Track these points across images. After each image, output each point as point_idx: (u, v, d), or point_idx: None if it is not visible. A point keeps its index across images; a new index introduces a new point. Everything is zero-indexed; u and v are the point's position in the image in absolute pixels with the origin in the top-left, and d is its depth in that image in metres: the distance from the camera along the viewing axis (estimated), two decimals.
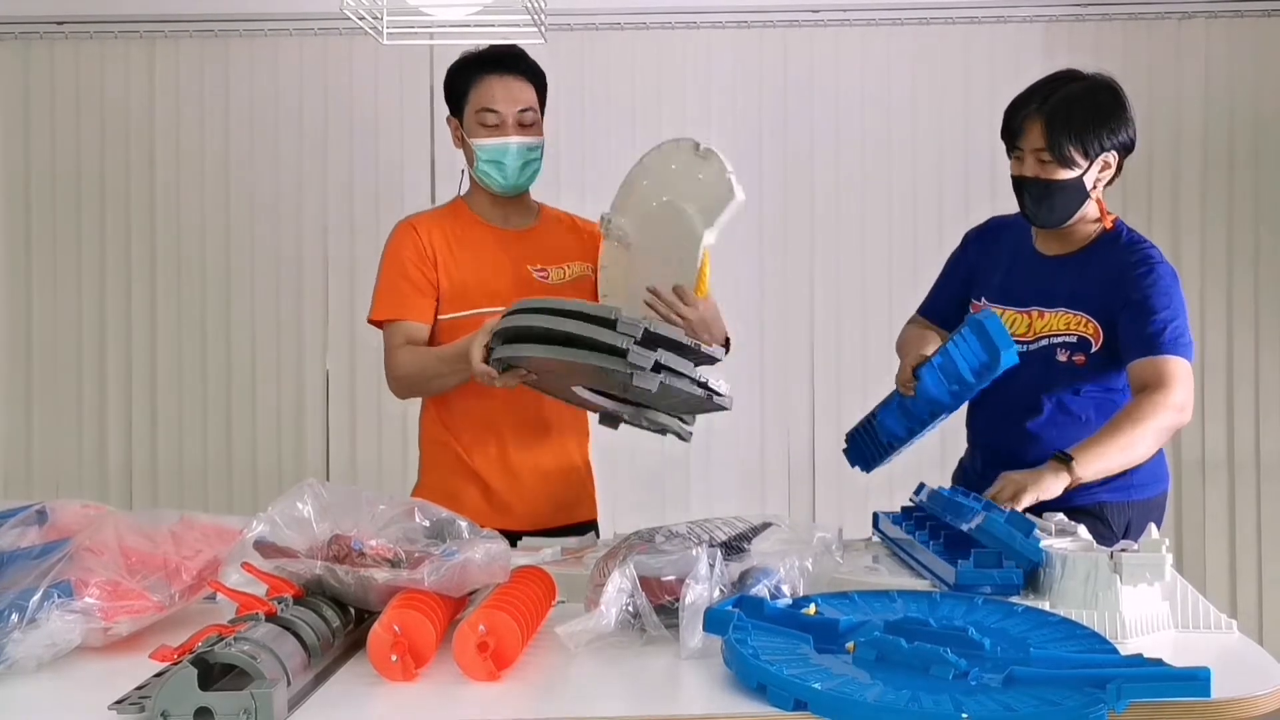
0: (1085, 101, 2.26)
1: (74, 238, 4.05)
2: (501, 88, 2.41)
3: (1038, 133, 2.25)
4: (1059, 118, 2.23)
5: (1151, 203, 3.98)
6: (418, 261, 2.46)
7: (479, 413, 2.46)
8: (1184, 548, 3.92)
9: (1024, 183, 2.29)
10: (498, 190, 2.47)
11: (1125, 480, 2.26)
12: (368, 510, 1.76)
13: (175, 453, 4.06)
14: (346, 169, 4.04)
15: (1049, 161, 2.24)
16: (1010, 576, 1.79)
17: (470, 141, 2.44)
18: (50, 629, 1.58)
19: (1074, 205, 2.28)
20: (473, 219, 2.53)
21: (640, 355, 1.95)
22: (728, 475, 4.02)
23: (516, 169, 2.44)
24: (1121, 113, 2.29)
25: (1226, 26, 3.94)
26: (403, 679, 1.52)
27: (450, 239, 2.49)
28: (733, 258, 4.01)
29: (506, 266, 2.47)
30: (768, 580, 1.71)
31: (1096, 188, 2.29)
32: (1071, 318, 2.29)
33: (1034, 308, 2.33)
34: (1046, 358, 2.30)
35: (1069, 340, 2.29)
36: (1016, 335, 2.29)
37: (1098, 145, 2.24)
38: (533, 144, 2.44)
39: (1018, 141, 2.29)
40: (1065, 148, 2.22)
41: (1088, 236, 2.35)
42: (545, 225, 2.57)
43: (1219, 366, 3.97)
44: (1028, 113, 2.27)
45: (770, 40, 4.00)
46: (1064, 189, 2.26)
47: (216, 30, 3.99)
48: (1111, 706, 1.35)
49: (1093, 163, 2.25)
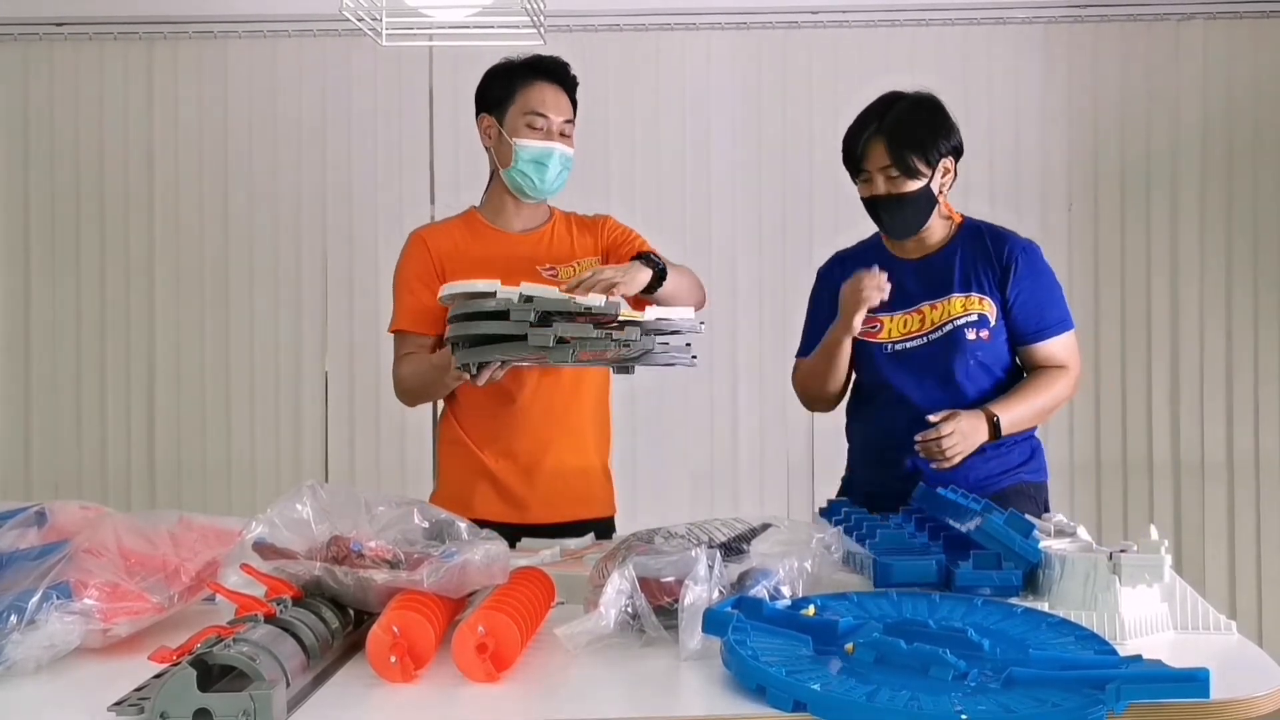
0: (916, 117, 2.42)
1: (73, 238, 4.05)
2: (552, 95, 2.50)
3: (881, 152, 2.40)
4: (898, 135, 2.39)
5: (1151, 203, 3.98)
6: (421, 274, 2.52)
7: (493, 412, 2.49)
8: (1183, 548, 3.92)
9: (877, 201, 2.43)
10: (529, 192, 2.52)
11: (1035, 463, 2.49)
12: (366, 512, 1.76)
13: (174, 454, 4.06)
14: (345, 170, 4.04)
15: (896, 177, 2.39)
16: (1009, 578, 1.79)
17: (514, 141, 2.48)
18: (49, 630, 1.58)
19: (926, 212, 2.43)
20: (484, 226, 2.58)
21: (540, 335, 2.04)
22: (728, 476, 4.03)
23: (553, 175, 2.50)
24: (949, 122, 2.46)
25: (1226, 27, 3.95)
26: (402, 680, 1.52)
27: (460, 247, 2.54)
28: (732, 258, 4.02)
29: (517, 269, 2.49)
30: (767, 581, 1.71)
31: (942, 193, 2.44)
32: (962, 300, 2.43)
33: (921, 304, 2.46)
34: (954, 340, 2.42)
35: (970, 319, 2.42)
36: (912, 332, 2.45)
37: (936, 154, 2.40)
38: (569, 154, 2.52)
39: (863, 165, 2.43)
40: (909, 160, 2.38)
41: (946, 234, 2.49)
42: (555, 225, 2.61)
43: (1219, 366, 3.97)
44: (868, 136, 2.42)
45: (770, 41, 4.00)
46: (915, 199, 2.40)
47: (216, 32, 3.99)
48: (1110, 707, 1.35)
49: (935, 170, 2.41)
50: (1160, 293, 3.99)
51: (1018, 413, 2.37)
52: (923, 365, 2.43)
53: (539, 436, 2.51)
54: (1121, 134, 3.98)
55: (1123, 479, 3.99)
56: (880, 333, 2.47)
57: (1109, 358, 4.00)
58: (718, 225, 4.02)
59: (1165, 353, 3.98)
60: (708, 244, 3.98)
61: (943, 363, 2.41)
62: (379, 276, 3.96)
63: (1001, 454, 2.41)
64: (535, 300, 2.05)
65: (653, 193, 3.97)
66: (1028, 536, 1.82)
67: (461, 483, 2.54)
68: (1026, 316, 2.43)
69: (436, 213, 3.95)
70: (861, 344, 2.48)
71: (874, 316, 2.45)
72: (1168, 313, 3.99)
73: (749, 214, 4.03)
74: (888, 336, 2.46)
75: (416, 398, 2.58)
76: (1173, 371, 3.98)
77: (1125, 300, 4.00)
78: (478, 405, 2.50)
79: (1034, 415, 2.42)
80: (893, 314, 2.46)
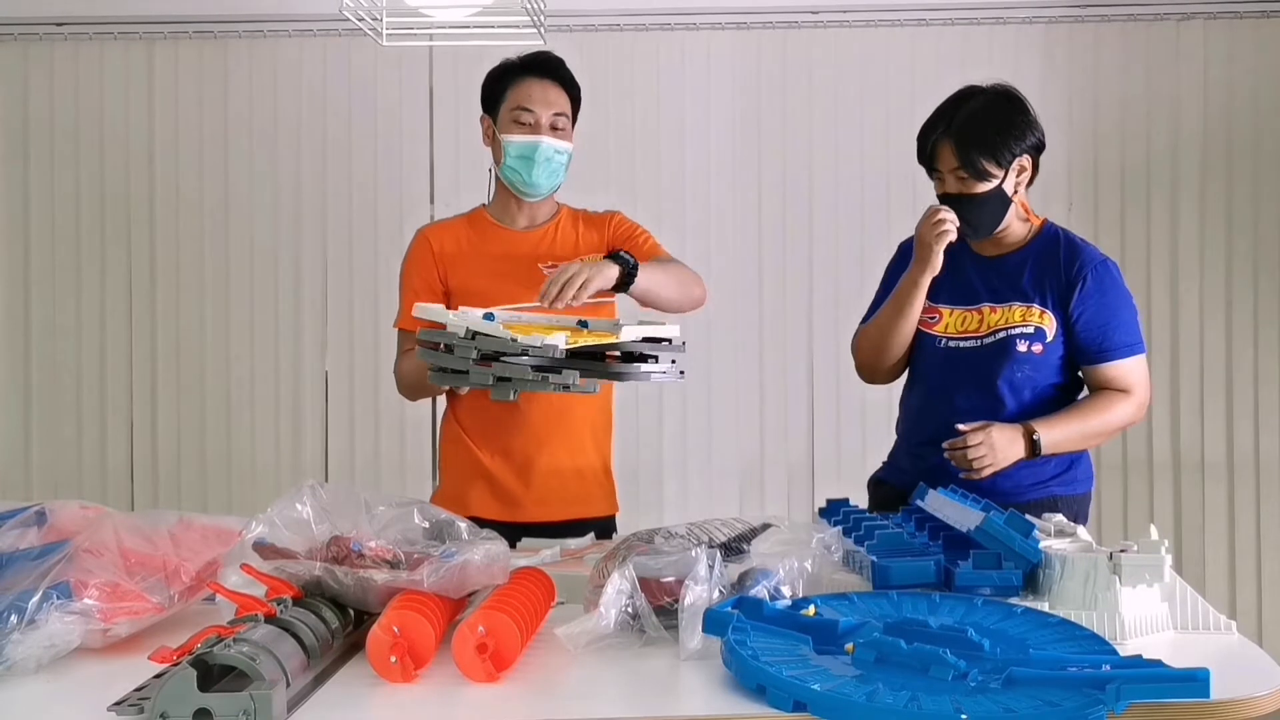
0: (987, 115, 2.37)
1: (73, 238, 4.05)
2: (539, 90, 2.50)
3: (950, 153, 2.36)
4: (966, 136, 2.35)
5: (1151, 203, 3.98)
6: (423, 272, 2.56)
7: (491, 410, 2.49)
8: (1183, 548, 3.92)
9: (948, 201, 2.39)
10: (521, 188, 2.53)
11: (1070, 475, 2.42)
12: (366, 512, 1.76)
13: (174, 453, 4.06)
14: (345, 170, 4.04)
15: (966, 178, 2.35)
16: (1009, 578, 1.79)
17: (501, 137, 2.50)
18: (49, 630, 1.58)
19: (1000, 213, 2.39)
20: (489, 224, 2.59)
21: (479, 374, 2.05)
22: (728, 475, 4.02)
23: (543, 169, 2.50)
24: (1024, 118, 2.39)
25: (1226, 27, 3.94)
26: (402, 680, 1.52)
27: (464, 244, 2.56)
28: (732, 257, 4.02)
29: (519, 267, 2.52)
30: (767, 581, 1.71)
31: (1018, 192, 2.40)
32: (1025, 310, 2.39)
33: (984, 304, 2.43)
34: (1005, 348, 2.39)
35: (1026, 331, 2.38)
36: (969, 331, 2.42)
37: (1008, 154, 2.35)
38: (561, 147, 2.51)
39: (935, 164, 2.40)
40: (978, 162, 2.34)
41: (1023, 236, 2.45)
42: (560, 222, 2.62)
43: (1219, 366, 3.97)
44: (936, 137, 2.39)
45: (770, 41, 4.00)
46: (987, 200, 2.36)
47: (216, 32, 3.99)
48: (1111, 707, 1.35)
49: (1007, 171, 2.36)
50: (1160, 293, 3.99)
51: (1062, 433, 2.32)
52: (970, 367, 2.40)
53: (535, 435, 2.51)
54: (1121, 134, 3.98)
55: (1123, 479, 3.99)
56: (938, 324, 2.45)
57: None
58: (717, 225, 4.02)
59: (1165, 353, 3.98)
60: (707, 243, 3.98)
61: (989, 369, 2.38)
62: (379, 276, 3.97)
63: (1036, 465, 2.36)
64: (477, 339, 2.07)
65: (652, 192, 3.96)
66: (1028, 536, 1.82)
67: (460, 480, 2.55)
68: (1090, 336, 2.37)
69: (436, 212, 3.95)
70: (920, 332, 2.47)
71: (934, 307, 2.45)
72: (1168, 313, 3.99)
73: (749, 214, 4.03)
74: (944, 330, 2.45)
75: (415, 393, 2.62)
76: (1173, 371, 3.98)
77: None
78: (477, 403, 2.51)
79: (1083, 438, 2.36)
80: (953, 308, 2.44)
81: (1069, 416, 2.35)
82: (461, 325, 2.10)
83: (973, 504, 2.04)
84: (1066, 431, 2.33)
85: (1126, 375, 2.37)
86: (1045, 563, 1.79)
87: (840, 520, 2.17)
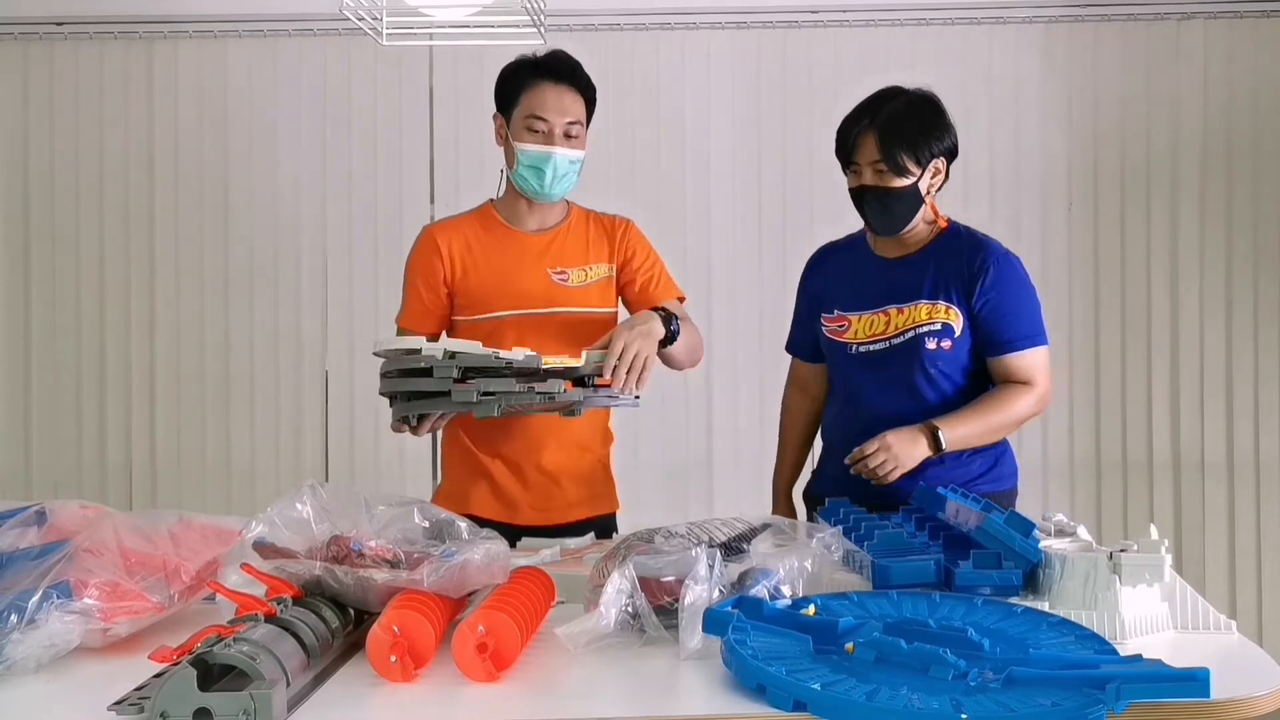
0: (912, 115, 2.40)
1: (73, 238, 4.05)
2: (554, 97, 2.46)
3: (872, 146, 2.39)
4: (890, 131, 2.38)
5: (1150, 203, 3.98)
6: (425, 274, 2.53)
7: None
8: (1184, 548, 3.92)
9: (864, 193, 2.43)
10: (532, 196, 2.51)
11: (996, 472, 2.46)
12: (367, 511, 1.76)
13: (174, 453, 4.06)
14: (345, 170, 4.04)
15: (885, 171, 2.38)
16: (1009, 577, 1.79)
17: (515, 144, 2.47)
18: (49, 630, 1.58)
19: (912, 210, 2.42)
20: (497, 223, 2.57)
21: (462, 392, 2.08)
22: (728, 476, 4.02)
23: (554, 178, 2.47)
24: (944, 122, 2.44)
25: (1226, 27, 3.94)
26: (402, 680, 1.52)
27: (472, 244, 2.53)
28: (732, 257, 4.02)
29: (527, 270, 2.51)
30: (767, 581, 1.71)
31: (930, 193, 2.43)
32: (931, 307, 2.41)
33: (890, 306, 2.45)
34: (914, 348, 2.41)
35: (934, 328, 2.41)
36: (878, 334, 2.45)
37: (927, 153, 2.39)
38: (574, 157, 2.49)
39: (853, 157, 2.43)
40: (899, 157, 2.37)
41: (927, 237, 2.48)
42: (572, 226, 2.59)
43: (1219, 366, 3.97)
44: (860, 129, 2.41)
45: (770, 40, 4.00)
46: (902, 196, 2.39)
47: (216, 31, 3.99)
48: (1111, 707, 1.35)
49: (924, 170, 2.40)
50: (1160, 293, 3.99)
51: (965, 429, 2.35)
52: (884, 369, 2.44)
53: (532, 437, 2.50)
54: (1121, 134, 3.98)
55: (1123, 479, 3.99)
56: (848, 332, 2.48)
57: (1109, 358, 4.00)
58: (717, 224, 4.02)
59: (1165, 353, 3.98)
60: (707, 243, 3.98)
61: (903, 369, 2.42)
62: (379, 276, 3.97)
63: (962, 464, 2.40)
64: (458, 357, 2.09)
65: (652, 192, 3.96)
66: (1028, 536, 1.82)
67: (460, 481, 2.56)
68: (992, 327, 2.40)
69: (436, 212, 3.95)
70: (832, 342, 2.51)
71: (843, 315, 2.48)
72: (1168, 313, 3.99)
73: (748, 213, 4.03)
74: (854, 337, 2.47)
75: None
76: (1173, 371, 3.98)
77: (1125, 300, 3.99)
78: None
79: (986, 431, 2.39)
80: (861, 314, 2.47)
81: (971, 412, 2.38)
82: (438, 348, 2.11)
83: (972, 504, 2.04)
84: (969, 428, 2.36)
85: (1028, 367, 2.40)
86: (1045, 562, 1.79)
87: (840, 520, 2.17)
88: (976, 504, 2.03)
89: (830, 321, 2.52)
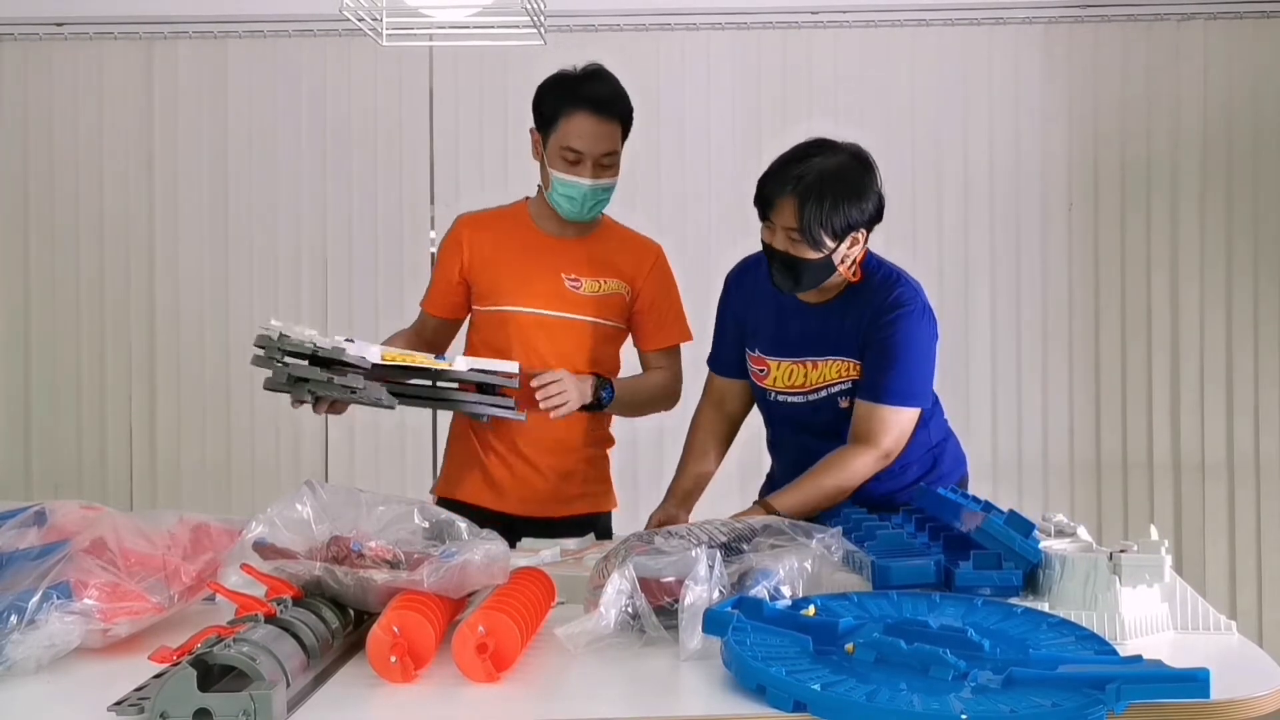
0: (839, 185, 2.23)
1: (73, 238, 4.05)
2: (591, 128, 2.45)
3: (790, 213, 2.24)
4: (811, 201, 2.21)
5: (1151, 203, 3.98)
6: (445, 264, 2.60)
7: None
8: (1184, 548, 3.92)
9: (774, 253, 2.30)
10: (565, 217, 2.53)
11: (941, 470, 2.43)
12: (367, 511, 1.76)
13: (174, 453, 4.06)
14: (345, 170, 4.04)
15: (799, 241, 2.24)
16: (1009, 578, 1.79)
17: (550, 170, 2.49)
18: (49, 630, 1.58)
19: (819, 279, 2.30)
20: (527, 222, 2.59)
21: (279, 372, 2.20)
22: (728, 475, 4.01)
23: (587, 206, 2.49)
24: (869, 188, 2.27)
25: (1225, 28, 3.94)
26: (402, 680, 1.52)
27: (499, 238, 2.57)
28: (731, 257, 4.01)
29: (541, 271, 2.54)
30: (767, 581, 1.71)
31: (845, 262, 2.29)
32: (840, 365, 2.35)
33: (808, 358, 2.38)
34: (829, 405, 2.38)
35: (844, 388, 2.36)
36: (795, 386, 2.40)
37: (846, 225, 2.24)
38: (607, 185, 2.50)
39: (769, 215, 2.28)
40: (815, 231, 2.22)
41: (841, 286, 2.37)
42: (599, 237, 2.59)
43: (1219, 366, 3.97)
44: (781, 192, 2.25)
45: (770, 41, 4.00)
46: (811, 266, 2.27)
47: (216, 32, 3.99)
48: (1111, 708, 1.35)
49: (841, 243, 2.26)
50: (1160, 293, 3.99)
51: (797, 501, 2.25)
52: (802, 420, 2.41)
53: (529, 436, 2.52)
54: (1121, 134, 3.98)
55: (1123, 479, 3.99)
56: (767, 378, 2.43)
57: (1109, 358, 4.00)
58: (717, 224, 4.02)
59: (1165, 353, 3.98)
60: (706, 243, 3.98)
61: (820, 422, 2.38)
62: (379, 276, 3.97)
63: (894, 475, 2.37)
64: (280, 340, 2.19)
65: (652, 192, 3.96)
66: (1028, 536, 1.82)
67: (457, 467, 2.62)
68: (865, 370, 2.32)
69: (436, 213, 3.96)
70: (754, 383, 2.48)
71: (763, 359, 2.43)
72: (1168, 313, 3.99)
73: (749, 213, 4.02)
74: (773, 384, 2.43)
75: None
76: (1173, 371, 3.98)
77: (1125, 300, 3.99)
78: None
79: (824, 497, 2.28)
80: (780, 360, 2.41)
81: (808, 482, 2.29)
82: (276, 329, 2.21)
83: (972, 504, 2.04)
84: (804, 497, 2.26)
85: (877, 421, 2.30)
86: (1045, 563, 1.79)
87: (840, 520, 2.17)
88: (976, 504, 2.03)
89: (753, 361, 2.46)
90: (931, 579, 1.84)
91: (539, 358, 2.49)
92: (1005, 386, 4.00)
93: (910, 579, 1.83)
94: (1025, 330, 4.01)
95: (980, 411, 3.96)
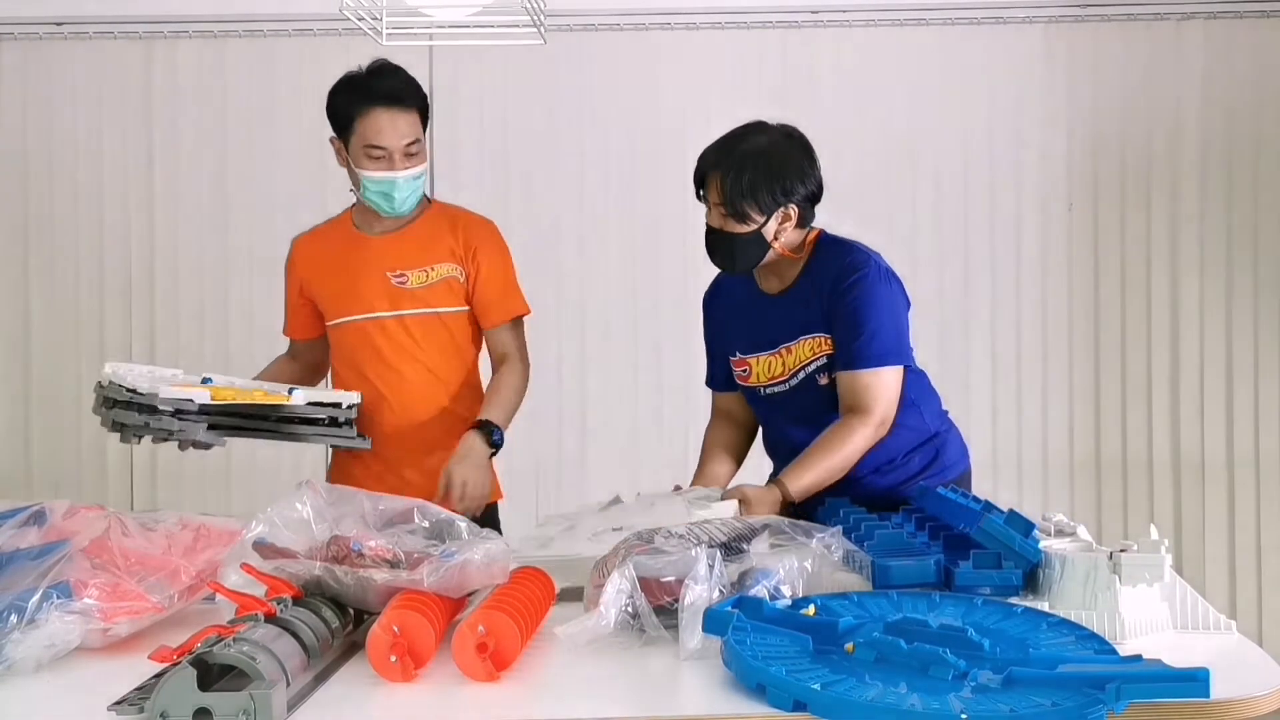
0: (762, 159, 2.29)
1: (73, 237, 4.05)
2: (389, 122, 2.45)
3: (716, 189, 2.30)
4: (733, 176, 2.28)
5: (1151, 203, 3.98)
6: (288, 281, 2.70)
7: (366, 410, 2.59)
8: (1183, 548, 3.92)
9: (709, 232, 2.35)
10: (383, 215, 2.56)
11: (942, 463, 2.43)
12: (367, 511, 1.76)
13: (174, 453, 4.03)
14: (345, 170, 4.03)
15: (727, 216, 2.30)
16: (1009, 577, 1.79)
17: (358, 171, 2.51)
18: (49, 630, 1.58)
19: (754, 256, 2.34)
20: (350, 229, 2.64)
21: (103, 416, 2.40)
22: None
23: (403, 199, 2.51)
24: (799, 167, 2.32)
25: (1225, 27, 3.94)
26: (402, 680, 1.52)
27: (326, 251, 2.63)
28: None
29: (366, 275, 2.57)
30: (767, 581, 1.71)
31: (778, 238, 2.33)
32: (811, 342, 2.36)
33: (781, 346, 2.39)
34: (810, 386, 2.38)
35: (820, 364, 2.36)
36: (776, 376, 2.41)
37: (772, 201, 2.28)
38: (418, 173, 2.51)
39: (704, 194, 2.35)
40: (739, 204, 2.28)
41: (798, 269, 2.40)
42: (419, 227, 2.60)
43: (1219, 366, 3.97)
44: (709, 168, 2.33)
45: (770, 40, 4.00)
46: (742, 242, 2.32)
47: (215, 32, 3.99)
48: (1110, 707, 1.35)
49: (769, 217, 2.30)
50: (1160, 293, 3.99)
51: (808, 480, 2.26)
52: (792, 409, 2.41)
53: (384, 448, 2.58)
54: (1121, 134, 3.98)
55: (1123, 479, 3.99)
56: (751, 377, 2.45)
57: (1109, 357, 4.00)
58: None
59: (1165, 353, 3.98)
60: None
61: (808, 407, 2.38)
62: None
63: (896, 467, 2.39)
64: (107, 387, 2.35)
65: (652, 192, 3.96)
66: (1028, 536, 1.82)
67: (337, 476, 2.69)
68: (838, 342, 2.33)
69: None
70: (742, 385, 2.49)
71: (743, 359, 2.45)
72: (1168, 313, 3.99)
73: None
74: (758, 381, 2.44)
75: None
76: (1173, 371, 3.98)
77: (1125, 300, 4.00)
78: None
79: (830, 474, 2.29)
80: (759, 355, 2.43)
81: (811, 459, 2.28)
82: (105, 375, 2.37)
83: (972, 504, 2.04)
84: (812, 477, 2.27)
85: (863, 389, 2.30)
86: (1045, 562, 1.79)
87: (840, 520, 2.17)
88: (977, 504, 2.03)
89: (736, 365, 2.48)
90: (931, 578, 1.84)
91: (385, 363, 2.53)
92: (1005, 386, 4.01)
93: (910, 578, 1.83)
94: (1025, 330, 4.01)
95: (980, 411, 3.96)
